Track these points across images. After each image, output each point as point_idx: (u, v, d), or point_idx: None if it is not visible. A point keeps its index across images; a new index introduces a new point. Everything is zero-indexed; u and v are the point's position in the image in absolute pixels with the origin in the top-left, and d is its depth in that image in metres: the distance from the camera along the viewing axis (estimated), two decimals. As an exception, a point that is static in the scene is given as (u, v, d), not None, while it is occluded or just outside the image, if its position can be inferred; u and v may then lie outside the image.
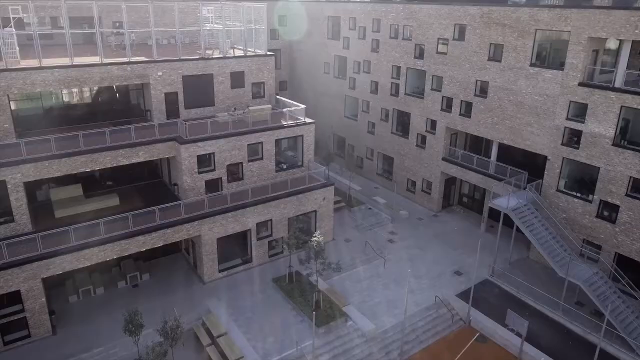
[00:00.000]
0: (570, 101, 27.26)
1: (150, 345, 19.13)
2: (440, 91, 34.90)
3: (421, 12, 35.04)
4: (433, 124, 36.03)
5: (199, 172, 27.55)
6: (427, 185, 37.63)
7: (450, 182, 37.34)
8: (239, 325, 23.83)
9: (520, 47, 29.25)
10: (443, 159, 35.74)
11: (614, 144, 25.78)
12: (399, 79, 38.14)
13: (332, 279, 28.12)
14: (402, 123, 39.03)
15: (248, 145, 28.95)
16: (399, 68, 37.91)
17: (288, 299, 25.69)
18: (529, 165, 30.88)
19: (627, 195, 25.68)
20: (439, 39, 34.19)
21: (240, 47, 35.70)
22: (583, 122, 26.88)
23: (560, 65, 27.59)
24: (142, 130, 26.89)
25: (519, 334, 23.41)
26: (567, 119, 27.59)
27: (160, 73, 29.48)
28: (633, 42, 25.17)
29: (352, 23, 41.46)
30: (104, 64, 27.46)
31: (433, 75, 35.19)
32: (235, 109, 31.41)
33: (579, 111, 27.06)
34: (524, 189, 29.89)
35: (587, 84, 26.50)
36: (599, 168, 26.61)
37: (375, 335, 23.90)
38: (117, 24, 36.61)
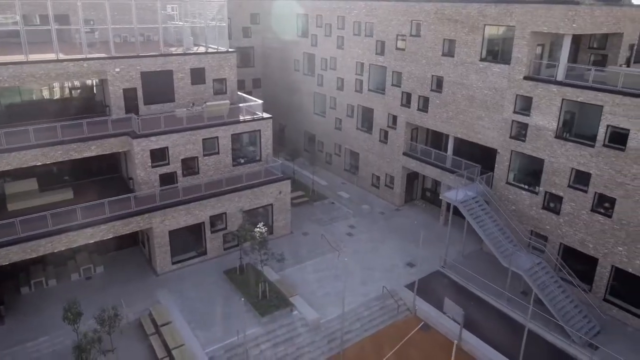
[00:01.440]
0: (517, 95, 27.77)
1: (84, 332, 19.55)
2: (399, 87, 35.41)
3: (381, 8, 35.54)
4: (394, 119, 36.54)
5: (153, 166, 28.03)
6: (390, 180, 38.13)
7: (412, 176, 37.81)
8: (185, 315, 24.31)
9: (471, 43, 29.76)
10: (404, 153, 36.24)
11: (556, 137, 26.29)
12: (362, 76, 38.65)
13: (285, 271, 28.62)
14: (366, 119, 39.52)
15: (203, 139, 29.44)
16: (362, 64, 38.41)
17: (237, 289, 26.17)
18: (483, 158, 31.36)
19: (569, 186, 26.18)
20: (397, 35, 34.70)
21: (204, 45, 36.16)
22: (529, 116, 27.39)
23: (507, 60, 28.08)
24: (98, 125, 27.36)
25: (457, 322, 23.90)
26: (514, 112, 28.09)
27: (117, 69, 29.96)
28: (577, 36, 25.71)
29: (319, 20, 41.96)
30: (59, 60, 27.93)
31: (393, 71, 35.70)
32: (193, 104, 31.89)
33: (525, 104, 27.57)
34: (481, 182, 30.40)
35: (531, 77, 27.02)
36: (543, 160, 27.11)
37: (318, 325, 24.37)
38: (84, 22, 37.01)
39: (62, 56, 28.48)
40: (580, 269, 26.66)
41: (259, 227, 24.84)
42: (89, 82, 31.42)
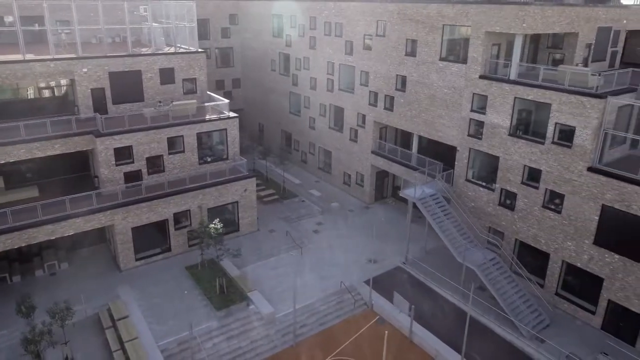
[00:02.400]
0: (473, 93, 28.30)
1: (33, 325, 20.10)
2: (367, 86, 35.95)
3: (349, 9, 36.09)
4: (363, 118, 37.07)
5: (117, 164, 28.56)
6: (360, 178, 38.66)
7: (382, 174, 38.32)
8: (143, 309, 24.85)
9: (431, 42, 30.29)
10: (372, 152, 36.77)
11: (510, 134, 26.81)
12: (333, 75, 39.19)
13: (248, 267, 29.17)
14: (338, 118, 40.05)
15: (168, 138, 29.97)
16: (333, 64, 38.95)
17: (197, 285, 26.72)
18: (446, 156, 31.82)
19: (522, 183, 26.71)
20: (364, 35, 35.24)
21: (177, 45, 36.69)
22: (484, 114, 27.91)
23: (464, 59, 28.60)
24: (65, 125, 27.89)
25: (408, 315, 24.44)
26: (471, 110, 28.62)
27: (85, 70, 30.52)
28: (535, 35, 26.23)
29: (293, 21, 42.50)
30: (26, 61, 28.49)
31: (361, 71, 36.23)
32: (160, 103, 32.42)
33: (481, 103, 28.09)
34: (442, 179, 30.94)
35: (486, 76, 27.55)
36: (498, 158, 27.63)
37: (273, 319, 24.91)
38: (59, 22, 37.67)
39: (29, 57, 29.00)
40: (534, 264, 27.20)
41: (214, 224, 25.35)
42: (62, 82, 31.90)
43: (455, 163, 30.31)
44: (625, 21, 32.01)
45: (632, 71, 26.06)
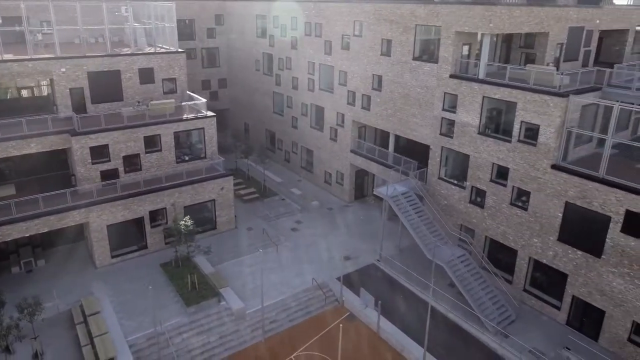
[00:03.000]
0: (444, 92, 28.67)
1: (2, 319, 20.48)
2: (345, 85, 36.32)
3: (328, 9, 36.46)
4: (342, 117, 37.44)
5: (93, 163, 28.93)
6: (340, 176, 39.02)
7: (362, 173, 38.68)
8: (115, 305, 25.21)
9: (405, 42, 30.66)
10: (351, 151, 37.14)
11: (479, 133, 27.18)
12: (314, 75, 39.55)
13: (223, 264, 29.54)
14: (319, 117, 40.42)
15: (144, 137, 30.33)
16: (313, 64, 39.31)
17: (170, 281, 27.07)
18: (421, 155, 32.18)
19: (491, 181, 27.07)
20: (342, 35, 35.61)
21: (159, 45, 37.13)
22: (455, 113, 28.27)
23: (436, 59, 28.96)
24: (42, 124, 28.25)
25: (376, 310, 24.81)
26: (443, 109, 28.98)
27: (63, 69, 30.89)
28: (508, 35, 26.59)
29: (275, 21, 42.88)
30: (3, 61, 28.86)
31: (340, 70, 36.61)
32: (138, 103, 32.80)
33: (452, 102, 28.45)
34: (415, 177, 31.31)
35: (456, 75, 27.91)
36: (469, 156, 27.99)
37: (244, 314, 25.26)
38: (45, 23, 38.10)
39: (7, 56, 29.38)
40: (504, 261, 27.57)
41: (185, 221, 25.73)
42: (41, 81, 32.25)
43: (429, 161, 30.67)
44: (598, 21, 32.36)
45: (601, 71, 26.51)
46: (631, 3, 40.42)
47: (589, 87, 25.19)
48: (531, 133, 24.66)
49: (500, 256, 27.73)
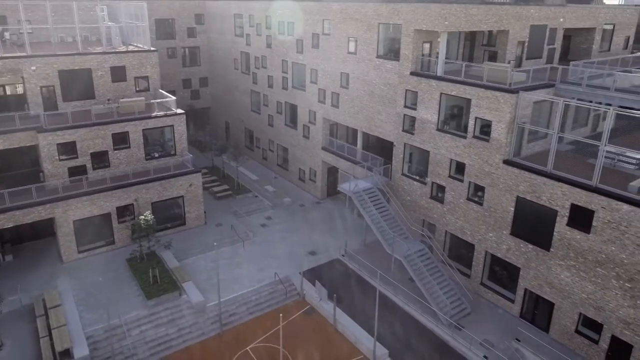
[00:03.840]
0: (406, 90, 29.11)
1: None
2: (316, 83, 36.78)
3: (299, 8, 36.90)
4: (314, 115, 37.90)
5: (61, 160, 29.40)
6: (313, 173, 39.48)
7: (334, 170, 39.05)
8: (77, 299, 25.68)
9: (369, 40, 31.11)
10: (322, 148, 37.59)
11: (438, 129, 27.62)
12: (287, 73, 40.01)
13: (190, 259, 30.01)
14: (292, 115, 40.87)
15: (112, 134, 30.80)
16: (286, 62, 39.77)
17: (134, 276, 27.52)
18: (389, 151, 32.60)
19: (449, 176, 27.50)
20: (312, 34, 36.07)
21: (135, 44, 37.63)
22: (415, 109, 28.71)
23: (397, 57, 29.40)
24: (10, 121, 28.69)
25: (329, 302, 25.26)
26: (405, 106, 29.42)
27: (34, 67, 31.35)
28: (472, 33, 27.04)
29: (251, 20, 43.35)
30: (-27, 59, 29.36)
31: (311, 69, 37.06)
32: (109, 100, 33.27)
33: (413, 99, 28.89)
34: (380, 173, 31.77)
35: (416, 73, 28.35)
36: (429, 152, 28.43)
37: (204, 308, 25.71)
38: (19, 22, 38.62)
39: None
40: (463, 255, 28.02)
41: (145, 216, 26.18)
42: (12, 79, 32.70)
43: (393, 158, 31.11)
44: (562, 19, 32.79)
45: (564, 68, 26.93)
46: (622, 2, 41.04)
47: (542, 84, 25.61)
48: (484, 129, 25.10)
49: (460, 251, 28.18)
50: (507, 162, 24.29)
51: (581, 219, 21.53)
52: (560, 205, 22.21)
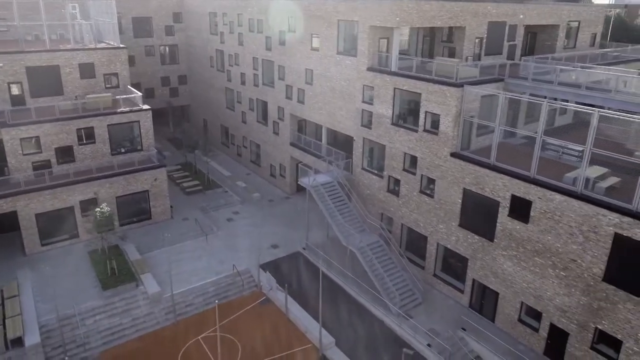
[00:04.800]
0: (363, 85, 29.59)
1: None
2: (284, 80, 37.27)
3: (267, 6, 37.41)
4: (282, 111, 38.39)
5: (24, 154, 29.89)
6: (283, 169, 39.96)
7: (304, 166, 39.56)
8: (35, 290, 26.14)
9: (330, 37, 31.61)
10: (291, 144, 38.08)
11: (392, 123, 28.11)
12: (258, 70, 40.51)
13: (152, 252, 30.45)
14: (263, 112, 41.36)
15: (77, 129, 31.29)
16: (256, 59, 40.29)
17: (93, 267, 28.01)
18: (351, 146, 33.06)
19: (404, 170, 27.99)
20: (279, 31, 36.56)
21: (106, 41, 38.17)
22: (372, 104, 29.20)
23: (355, 53, 29.89)
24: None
25: (279, 291, 25.77)
26: (363, 101, 29.91)
27: (1, 64, 31.87)
28: (431, 29, 27.51)
29: (225, 18, 43.86)
30: (-60, 56, 29.88)
31: (278, 65, 37.57)
32: (77, 97, 33.77)
33: (369, 94, 29.38)
34: (342, 168, 32.25)
35: (372, 68, 28.84)
36: (385, 146, 28.92)
37: (160, 298, 26.20)
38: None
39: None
40: (418, 247, 28.51)
41: (101, 208, 26.69)
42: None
43: (353, 152, 31.61)
44: (522, 16, 33.26)
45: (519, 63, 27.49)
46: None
47: (491, 78, 26.11)
48: (433, 122, 25.58)
49: (415, 243, 28.67)
50: (454, 154, 24.78)
51: (520, 209, 22.02)
52: (502, 197, 22.70)
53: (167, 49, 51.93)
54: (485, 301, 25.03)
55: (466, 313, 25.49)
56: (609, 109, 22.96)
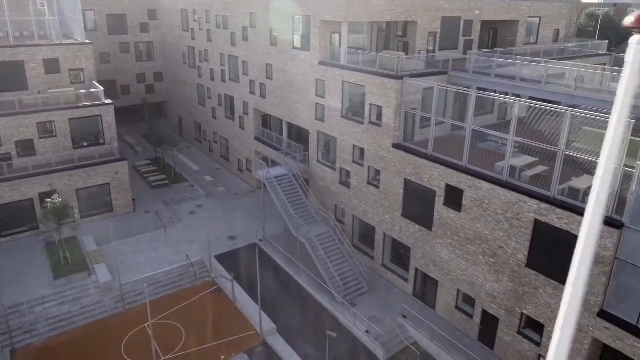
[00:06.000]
0: (316, 79, 30.12)
1: None
2: (247, 75, 37.81)
3: (231, 2, 37.96)
4: (247, 106, 38.93)
5: (-16, 148, 30.47)
6: (249, 163, 40.49)
7: (267, 160, 40.03)
8: (-11, 279, 26.73)
9: (286, 32, 32.13)
10: (255, 138, 38.62)
11: (342, 116, 28.63)
12: (225, 66, 41.05)
13: (110, 244, 30.97)
14: (230, 107, 41.91)
15: (37, 123, 31.84)
16: (223, 55, 40.82)
17: (48, 258, 28.55)
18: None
19: (353, 161, 28.51)
20: (242, 27, 37.10)
21: (75, 38, 38.71)
22: (324, 98, 29.73)
23: (309, 47, 30.41)
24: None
25: (229, 281, 26.32)
26: (316, 95, 30.44)
27: (-36, 59, 32.43)
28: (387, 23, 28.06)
29: (194, 15, 44.40)
30: None
31: (242, 61, 38.10)
32: (39, 91, 34.29)
33: (322, 88, 29.89)
34: (300, 161, 32.79)
35: (324, 62, 29.35)
36: (336, 139, 29.45)
37: (111, 287, 26.73)
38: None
39: None
40: (368, 238, 29.02)
41: (52, 199, 27.22)
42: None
43: (309, 145, 32.13)
44: (477, 12, 33.75)
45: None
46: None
47: (436, 71, 26.64)
48: (377, 115, 26.10)
49: (366, 234, 29.19)
50: (396, 145, 25.29)
51: (454, 198, 22.54)
52: (438, 186, 23.22)
53: (142, 46, 52.51)
54: (427, 289, 25.56)
55: (410, 301, 26.00)
56: (548, 101, 23.42)
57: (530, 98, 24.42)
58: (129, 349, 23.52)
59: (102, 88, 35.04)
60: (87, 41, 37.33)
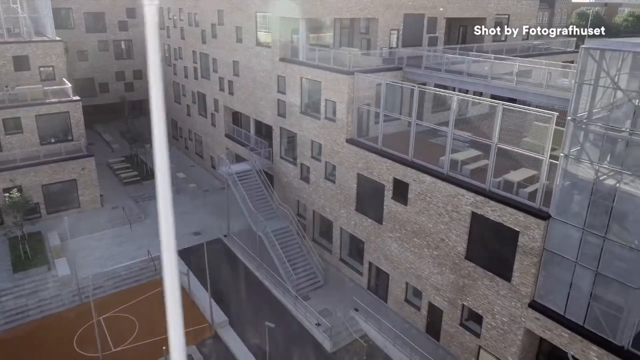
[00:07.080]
0: (277, 75, 30.39)
1: None
2: (217, 72, 38.08)
3: (201, 0, 38.24)
4: (217, 103, 39.20)
5: (-52, 143, 30.75)
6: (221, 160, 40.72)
7: (240, 157, 40.32)
8: (-53, 273, 27.00)
9: (250, 29, 32.40)
10: (226, 135, 38.89)
11: (301, 112, 28.90)
12: (197, 63, 41.32)
13: (75, 239, 30.95)
14: (203, 104, 42.17)
15: (2, 119, 32.09)
16: (195, 53, 41.09)
17: (9, 252, 28.82)
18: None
19: (311, 157, 28.78)
20: (211, 24, 37.37)
21: (48, 35, 39.04)
22: (285, 94, 29.99)
23: (269, 44, 30.69)
24: None
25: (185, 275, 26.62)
26: (278, 91, 30.70)
27: None
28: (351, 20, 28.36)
29: (169, 12, 44.68)
30: None
31: (212, 58, 38.38)
32: (6, 87, 34.55)
33: (282, 84, 30.16)
34: (265, 156, 33.07)
35: (284, 59, 29.62)
36: (296, 134, 29.71)
37: (69, 281, 27.00)
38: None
39: None
40: (328, 232, 29.28)
41: (10, 194, 27.50)
42: None
43: (273, 141, 32.41)
44: (442, 9, 34.00)
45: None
46: None
47: (390, 67, 26.91)
48: (332, 110, 26.36)
49: (325, 228, 29.45)
50: (349, 140, 25.56)
51: (400, 191, 22.81)
52: (386, 180, 23.49)
53: (121, 43, 52.80)
54: (379, 283, 25.84)
55: (363, 295, 26.24)
56: (502, 97, 23.62)
57: (478, 93, 24.71)
58: (81, 342, 23.80)
59: (70, 85, 35.31)
60: (57, 38, 37.62)
